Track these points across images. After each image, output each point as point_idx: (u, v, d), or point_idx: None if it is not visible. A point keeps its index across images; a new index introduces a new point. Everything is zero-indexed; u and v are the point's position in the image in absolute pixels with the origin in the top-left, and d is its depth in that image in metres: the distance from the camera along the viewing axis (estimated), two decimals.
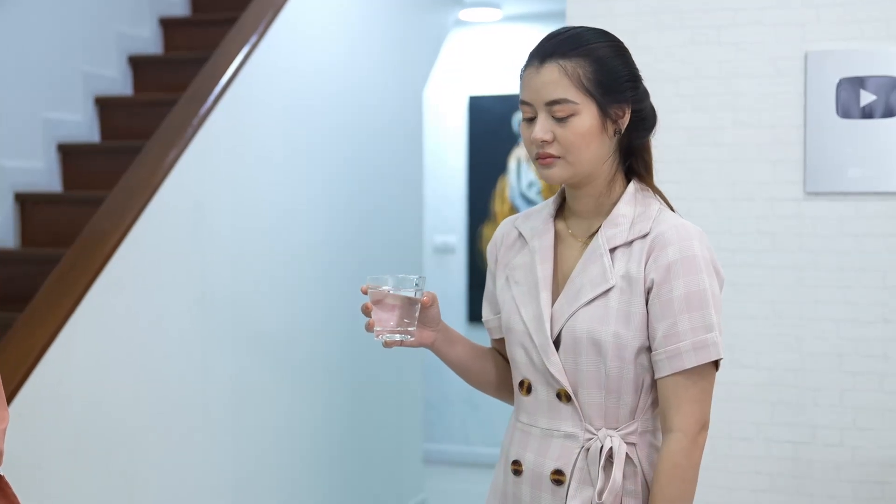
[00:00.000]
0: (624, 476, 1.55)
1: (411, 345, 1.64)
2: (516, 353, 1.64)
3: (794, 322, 2.98)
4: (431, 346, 1.70)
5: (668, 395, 1.53)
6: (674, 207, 1.65)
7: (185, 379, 3.13)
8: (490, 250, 1.76)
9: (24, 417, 2.53)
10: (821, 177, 2.99)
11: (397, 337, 1.60)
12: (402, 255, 4.56)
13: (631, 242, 1.56)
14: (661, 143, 1.69)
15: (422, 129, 4.86)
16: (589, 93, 1.53)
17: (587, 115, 1.54)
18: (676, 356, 1.51)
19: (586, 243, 1.61)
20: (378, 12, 4.38)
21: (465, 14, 5.57)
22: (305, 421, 3.80)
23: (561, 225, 1.66)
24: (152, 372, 2.98)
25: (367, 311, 1.62)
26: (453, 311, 5.78)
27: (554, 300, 1.60)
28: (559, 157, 1.55)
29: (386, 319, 1.60)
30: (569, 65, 1.54)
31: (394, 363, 4.47)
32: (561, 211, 1.68)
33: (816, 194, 2.99)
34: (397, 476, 4.57)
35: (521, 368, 1.63)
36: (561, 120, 1.54)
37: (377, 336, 1.61)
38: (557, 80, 1.54)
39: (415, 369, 4.73)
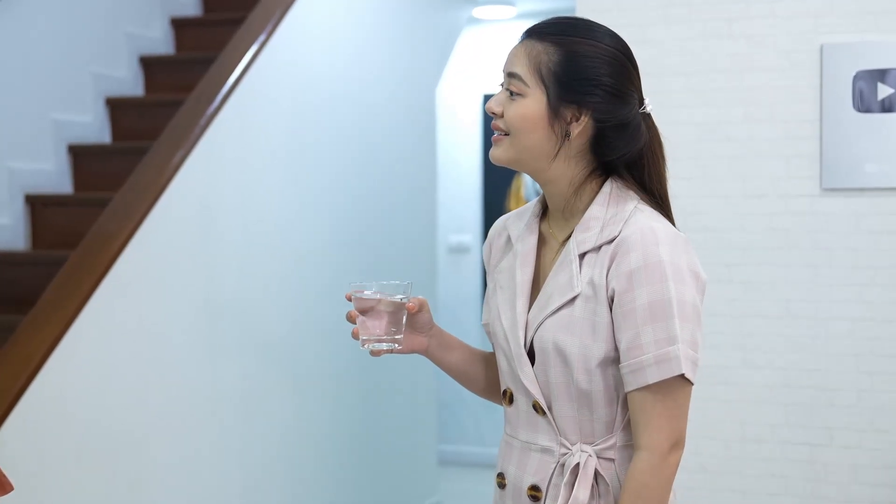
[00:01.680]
0: (600, 495, 1.48)
1: (401, 352, 1.59)
2: (500, 361, 1.59)
3: (809, 321, 2.92)
4: (425, 353, 1.64)
5: (635, 410, 1.44)
6: (671, 209, 1.54)
7: (191, 383, 3.11)
8: (484, 251, 1.71)
9: (27, 422, 2.52)
10: (837, 172, 2.93)
11: (384, 346, 1.55)
12: (415, 255, 4.52)
13: (599, 247, 1.48)
14: (670, 140, 1.60)
15: (435, 127, 4.82)
16: (542, 81, 1.48)
17: (533, 102, 1.48)
18: (639, 370, 1.42)
19: (563, 246, 1.55)
20: (389, 10, 4.35)
21: (478, 12, 5.53)
22: (318, 423, 3.77)
23: (545, 226, 1.59)
24: (158, 376, 2.96)
25: (351, 319, 1.57)
26: (468, 311, 5.74)
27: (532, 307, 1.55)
28: (506, 135, 1.52)
29: (372, 328, 1.55)
30: (538, 46, 1.50)
31: (407, 364, 4.42)
32: (547, 211, 1.61)
33: (833, 190, 2.93)
34: (412, 477, 4.53)
35: (504, 377, 1.59)
36: (513, 97, 1.50)
37: (363, 345, 1.56)
38: (520, 55, 1.51)
39: (428, 370, 4.69)
